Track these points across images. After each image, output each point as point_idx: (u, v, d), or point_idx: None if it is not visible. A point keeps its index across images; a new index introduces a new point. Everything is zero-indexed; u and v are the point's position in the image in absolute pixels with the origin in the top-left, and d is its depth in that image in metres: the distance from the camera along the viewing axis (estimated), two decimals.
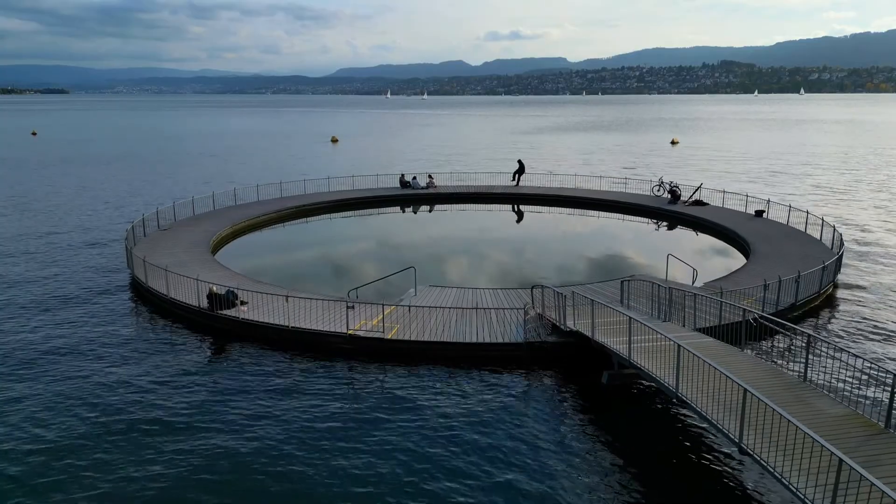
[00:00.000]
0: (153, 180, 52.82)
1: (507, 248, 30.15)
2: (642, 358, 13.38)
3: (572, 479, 11.49)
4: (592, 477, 11.58)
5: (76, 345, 18.01)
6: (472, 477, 11.62)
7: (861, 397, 10.97)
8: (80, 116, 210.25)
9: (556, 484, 11.35)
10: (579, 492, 11.17)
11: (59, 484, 11.54)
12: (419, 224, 37.10)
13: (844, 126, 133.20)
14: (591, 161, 67.25)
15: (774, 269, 23.06)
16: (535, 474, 11.63)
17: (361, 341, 17.27)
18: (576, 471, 11.77)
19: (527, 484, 11.37)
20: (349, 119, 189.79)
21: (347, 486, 11.45)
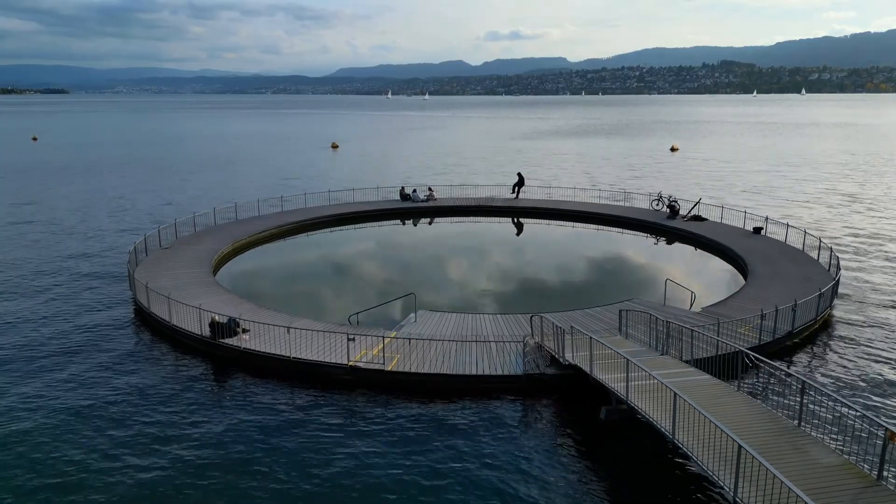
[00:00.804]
0: (155, 191, 52.96)
1: (506, 269, 30.27)
2: (640, 398, 13.54)
3: None
4: None
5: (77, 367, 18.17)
6: None
7: (855, 445, 11.11)
8: (81, 119, 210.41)
9: None
10: None
11: None
12: (419, 241, 37.18)
13: (844, 130, 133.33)
14: (590, 170, 67.40)
15: (772, 293, 23.28)
16: None
17: (362, 373, 17.44)
18: None
19: None
20: (349, 122, 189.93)
21: None
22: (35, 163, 75.08)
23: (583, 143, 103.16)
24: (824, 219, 39.92)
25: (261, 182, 57.91)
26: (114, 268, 29.17)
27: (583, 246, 34.92)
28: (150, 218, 40.79)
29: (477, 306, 23.92)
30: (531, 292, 26.41)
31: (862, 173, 62.66)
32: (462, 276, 28.89)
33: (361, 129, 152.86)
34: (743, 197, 48.28)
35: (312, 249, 34.32)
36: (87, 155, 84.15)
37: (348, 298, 25.36)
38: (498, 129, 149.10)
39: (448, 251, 33.20)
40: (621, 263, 31.16)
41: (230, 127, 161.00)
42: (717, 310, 21.76)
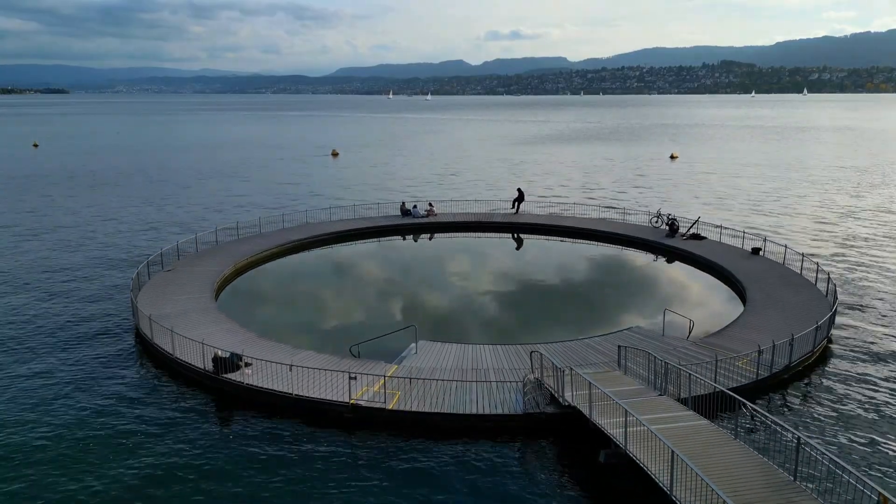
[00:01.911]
0: (158, 205, 53.15)
1: (506, 292, 30.34)
2: (638, 448, 13.73)
3: None
4: None
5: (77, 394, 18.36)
6: None
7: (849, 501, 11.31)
8: (81, 123, 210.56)
9: None
10: None
11: None
12: (419, 262, 37.16)
13: (844, 136, 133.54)
14: (590, 181, 67.62)
15: (770, 321, 23.50)
16: None
17: (364, 411, 17.63)
18: None
19: None
20: (350, 126, 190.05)
21: None
22: (36, 173, 75.22)
23: (583, 151, 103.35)
24: (823, 233, 40.12)
25: (262, 195, 58.12)
26: (116, 291, 29.32)
27: (582, 267, 35.06)
28: (153, 234, 41.00)
29: (477, 335, 24.09)
30: (531, 318, 26.59)
31: (861, 184, 62.86)
32: (462, 301, 29.05)
33: (361, 133, 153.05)
34: (742, 211, 48.48)
35: (313, 271, 34.49)
36: (89, 164, 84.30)
37: (349, 324, 25.59)
38: (499, 133, 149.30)
39: (448, 274, 33.33)
40: (621, 286, 31.32)
41: (230, 132, 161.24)
42: (716, 341, 21.96)
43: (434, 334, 23.27)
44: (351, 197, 55.08)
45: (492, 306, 28.22)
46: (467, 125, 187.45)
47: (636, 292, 30.12)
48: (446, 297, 29.46)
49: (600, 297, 29.60)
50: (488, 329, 25.25)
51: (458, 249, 39.02)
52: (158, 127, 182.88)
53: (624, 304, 28.46)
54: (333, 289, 31.05)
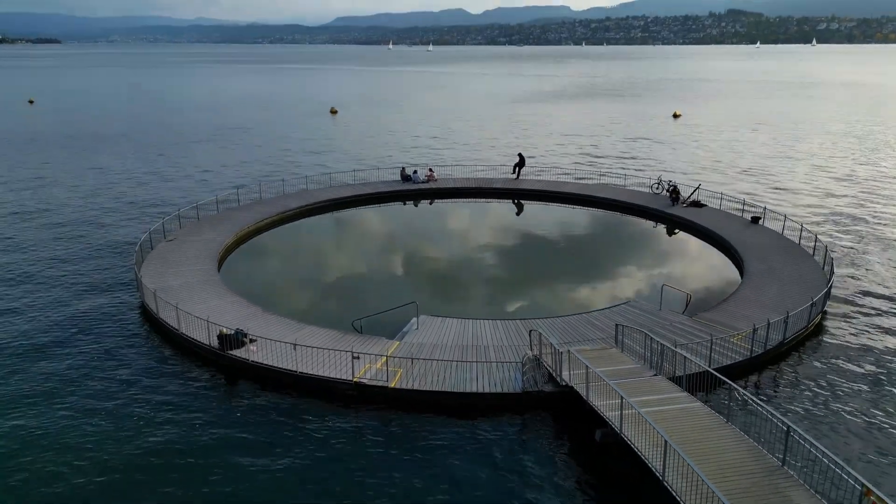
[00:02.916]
0: (158, 168, 52.95)
1: (506, 263, 30.59)
2: (633, 432, 14.18)
3: None
4: None
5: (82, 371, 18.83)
6: None
7: (835, 488, 11.77)
8: (77, 76, 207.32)
9: None
10: None
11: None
12: (420, 230, 37.16)
13: (852, 91, 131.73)
14: (591, 143, 67.14)
15: (766, 295, 23.81)
16: None
17: (366, 389, 18.09)
18: None
19: None
20: (349, 81, 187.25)
21: None
22: (33, 133, 74.59)
23: (585, 109, 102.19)
24: (824, 199, 40.11)
25: (262, 157, 57.84)
26: (119, 261, 29.55)
27: (582, 236, 35.23)
28: (153, 199, 41.02)
29: (477, 308, 24.42)
30: (531, 291, 26.91)
31: (866, 147, 62.44)
32: (462, 273, 29.31)
33: (361, 89, 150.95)
34: (743, 175, 48.33)
35: (314, 240, 34.62)
36: (87, 124, 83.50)
37: (351, 295, 25.95)
38: (501, 89, 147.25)
39: (448, 244, 33.42)
40: (621, 256, 31.52)
41: (228, 88, 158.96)
42: (712, 316, 22.31)
43: (434, 307, 23.64)
44: (351, 159, 54.88)
45: (492, 278, 28.50)
46: (469, 80, 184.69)
47: (635, 263, 30.36)
48: (446, 269, 29.71)
49: (600, 268, 29.83)
50: (488, 302, 25.61)
51: (458, 217, 39.11)
52: (156, 81, 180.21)
53: (623, 275, 28.75)
54: (335, 258, 31.29)
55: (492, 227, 36.45)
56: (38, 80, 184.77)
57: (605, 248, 32.96)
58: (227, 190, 41.03)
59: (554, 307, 24.71)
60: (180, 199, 40.98)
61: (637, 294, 25.66)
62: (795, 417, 16.90)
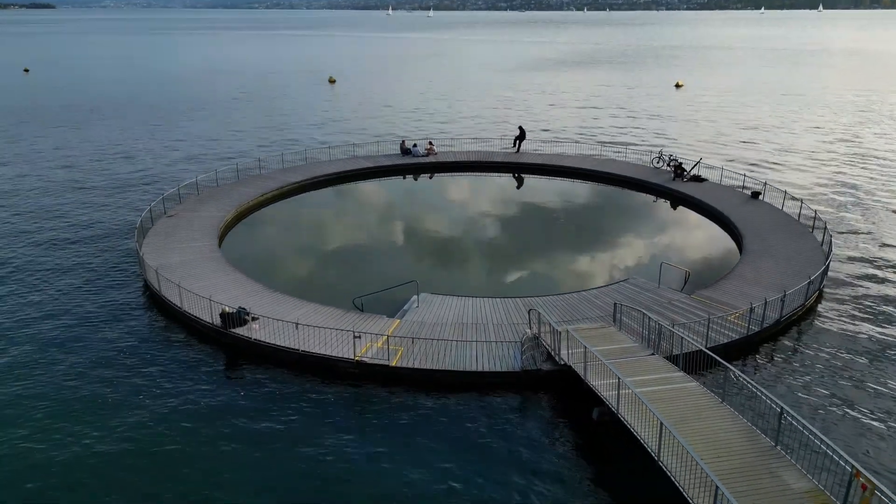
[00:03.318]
0: (156, 141, 52.67)
1: (505, 240, 30.62)
2: (629, 411, 14.46)
3: None
4: None
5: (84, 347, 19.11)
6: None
7: (826, 470, 12.05)
8: (71, 43, 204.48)
9: None
10: None
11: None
12: (419, 205, 37.02)
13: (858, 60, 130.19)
14: (592, 115, 66.65)
15: (764, 273, 23.99)
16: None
17: (368, 367, 18.37)
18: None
19: None
20: (347, 48, 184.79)
21: None
22: (29, 104, 73.93)
23: (587, 77, 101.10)
24: (826, 173, 40.02)
25: (260, 129, 57.48)
26: (121, 237, 29.64)
27: (582, 211, 35.20)
28: (153, 173, 40.91)
29: (476, 286, 24.57)
30: (531, 268, 27.11)
31: (870, 118, 62.03)
32: (462, 249, 29.41)
33: (359, 56, 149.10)
34: (745, 147, 48.12)
35: (314, 215, 34.59)
36: (84, 94, 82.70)
37: (352, 272, 26.12)
38: (501, 56, 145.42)
39: (448, 219, 33.34)
40: (620, 232, 31.56)
41: (225, 56, 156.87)
42: (710, 294, 22.49)
43: (434, 284, 23.85)
44: (350, 131, 54.58)
45: (492, 254, 28.63)
46: (469, 47, 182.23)
47: (635, 238, 30.46)
48: (446, 245, 29.80)
49: (600, 244, 29.91)
50: (488, 279, 25.79)
51: (458, 191, 39.04)
52: (151, 49, 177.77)
53: (623, 251, 28.87)
54: (335, 234, 31.35)
55: (492, 202, 36.44)
56: (32, 47, 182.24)
57: (605, 223, 33.00)
58: (226, 164, 40.89)
59: (553, 284, 24.90)
60: (180, 173, 40.86)
61: (636, 271, 25.82)
62: (790, 396, 17.19)
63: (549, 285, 24.66)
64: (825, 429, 15.69)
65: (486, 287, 24.54)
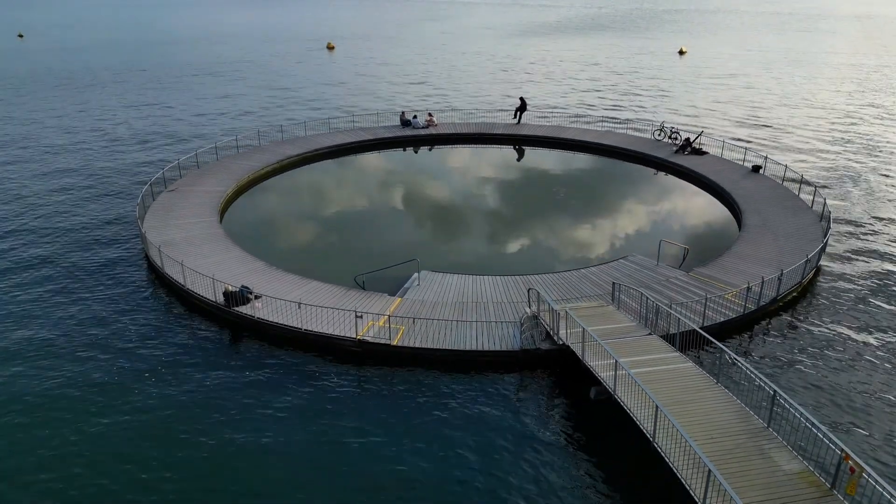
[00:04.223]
0: (154, 111, 52.28)
1: (505, 215, 30.65)
2: (625, 392, 14.77)
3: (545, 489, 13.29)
4: (566, 492, 13.37)
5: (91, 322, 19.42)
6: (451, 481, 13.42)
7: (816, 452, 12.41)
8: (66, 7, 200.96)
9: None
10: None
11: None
12: (420, 179, 37.01)
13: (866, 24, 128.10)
14: (594, 85, 65.94)
15: (762, 250, 24.16)
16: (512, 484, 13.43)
17: (369, 346, 18.67)
18: (551, 484, 13.53)
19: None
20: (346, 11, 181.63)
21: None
22: (24, 71, 73.11)
23: (588, 43, 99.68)
24: (827, 144, 39.85)
25: (259, 98, 56.99)
26: (122, 213, 29.72)
27: (583, 185, 35.13)
28: (152, 144, 40.76)
29: (477, 263, 24.73)
30: (531, 244, 27.24)
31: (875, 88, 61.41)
32: (462, 225, 29.46)
33: (358, 21, 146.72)
34: (747, 119, 47.79)
35: (314, 190, 34.51)
36: (80, 62, 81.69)
37: (353, 248, 26.25)
38: (503, 20, 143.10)
39: (448, 193, 33.34)
40: (621, 207, 31.60)
41: (221, 21, 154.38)
42: (708, 271, 22.67)
43: (435, 260, 24.07)
44: (349, 101, 54.13)
45: (492, 230, 28.72)
46: (469, 10, 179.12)
47: (635, 213, 30.52)
48: (447, 220, 29.87)
49: (600, 219, 29.97)
50: (488, 255, 25.94)
51: (458, 164, 38.91)
52: (145, 14, 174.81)
53: (622, 226, 28.96)
54: (335, 209, 31.39)
55: (492, 175, 36.37)
56: (26, 11, 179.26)
57: (606, 197, 32.99)
58: (225, 136, 40.72)
59: (553, 260, 25.10)
60: (178, 141, 40.71)
61: (636, 247, 25.93)
62: (783, 376, 17.51)
63: (549, 261, 24.86)
64: (817, 409, 16.06)
65: (486, 263, 24.72)
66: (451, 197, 32.75)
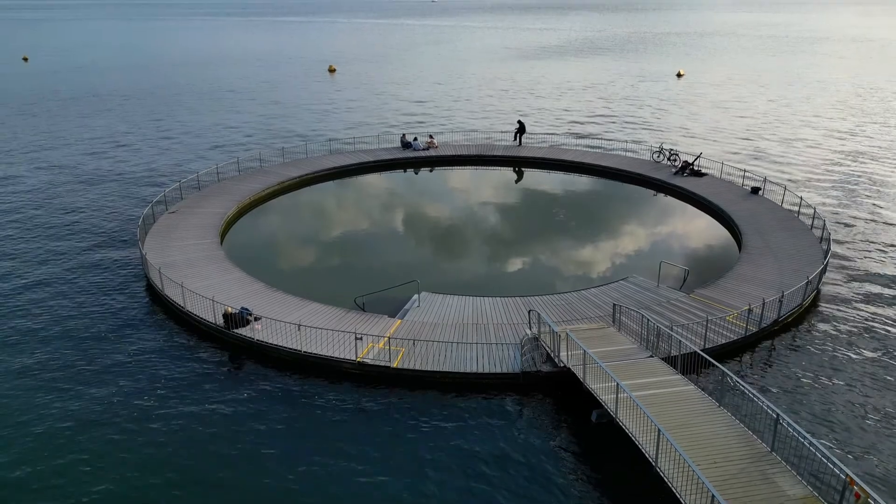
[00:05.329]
0: (157, 134, 52.62)
1: (505, 236, 30.70)
2: (627, 416, 14.66)
3: None
4: None
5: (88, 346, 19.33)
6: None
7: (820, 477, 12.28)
8: (71, 30, 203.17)
9: None
10: None
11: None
12: (420, 201, 37.11)
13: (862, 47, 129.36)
14: (593, 107, 66.44)
15: (763, 271, 24.14)
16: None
17: (369, 368, 18.58)
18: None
19: None
20: (348, 35, 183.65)
21: None
22: (29, 94, 73.69)
23: (589, 67, 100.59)
24: (826, 165, 40.01)
25: (260, 120, 57.37)
26: (123, 234, 29.76)
27: (582, 206, 35.18)
28: (155, 167, 40.95)
29: (477, 284, 24.71)
30: (531, 265, 27.22)
31: (872, 109, 61.84)
32: (462, 246, 29.51)
33: (360, 44, 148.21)
34: (745, 141, 48.05)
35: (315, 211, 34.58)
36: (84, 84, 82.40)
37: (353, 269, 26.28)
38: (503, 44, 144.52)
39: (448, 215, 33.38)
40: (621, 228, 31.63)
41: (225, 43, 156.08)
42: (709, 293, 22.63)
43: (435, 282, 24.08)
44: (350, 123, 54.48)
45: (492, 251, 28.73)
46: (470, 34, 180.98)
47: (635, 235, 30.54)
48: (447, 241, 29.91)
49: (600, 240, 29.99)
50: (488, 277, 25.91)
51: (458, 186, 39.01)
52: (149, 36, 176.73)
53: (623, 247, 28.97)
54: (336, 230, 31.43)
55: (492, 197, 36.46)
56: (31, 34, 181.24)
57: (605, 218, 33.04)
58: (227, 158, 40.97)
59: (554, 281, 25.08)
60: (181, 167, 40.93)
61: (636, 268, 25.91)
62: (786, 399, 17.39)
63: (550, 283, 24.84)
64: (821, 433, 15.92)
65: (486, 284, 24.69)
66: (451, 218, 32.82)
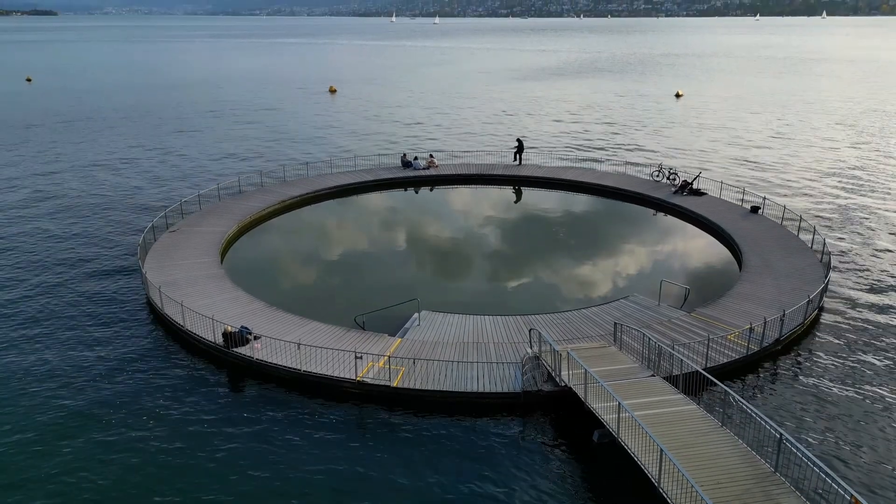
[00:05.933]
0: (158, 153, 52.90)
1: (506, 255, 30.72)
2: (629, 436, 14.54)
3: None
4: None
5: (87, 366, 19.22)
6: None
7: (825, 497, 12.15)
8: (73, 52, 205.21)
9: None
10: None
11: None
12: (420, 220, 37.18)
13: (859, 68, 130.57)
14: (593, 127, 66.90)
15: (764, 290, 24.10)
16: None
17: (369, 387, 18.46)
18: None
19: None
20: (348, 56, 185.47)
21: None
22: (32, 115, 74.21)
23: (586, 87, 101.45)
24: (825, 185, 40.16)
25: (261, 142, 57.69)
26: (123, 253, 29.79)
27: (582, 226, 35.26)
28: (155, 186, 41.11)
29: (477, 303, 24.66)
30: (531, 283, 27.21)
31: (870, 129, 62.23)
32: (463, 265, 29.53)
33: (360, 65, 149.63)
34: (744, 160, 48.28)
35: (316, 230, 34.64)
36: (87, 105, 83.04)
37: (353, 288, 26.24)
38: (503, 65, 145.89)
39: (449, 234, 33.44)
40: (621, 247, 31.66)
41: (226, 65, 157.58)
42: (710, 312, 22.58)
43: (436, 300, 24.00)
44: (350, 143, 54.80)
45: (493, 270, 28.74)
46: (470, 56, 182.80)
47: (636, 254, 30.56)
48: (448, 260, 29.94)
49: (601, 259, 30.01)
50: (489, 295, 25.88)
51: (459, 205, 39.13)
52: (152, 58, 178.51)
53: (623, 266, 28.97)
54: (336, 249, 31.47)
55: (493, 216, 36.55)
56: (34, 55, 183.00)
57: (606, 237, 33.09)
58: (227, 177, 41.11)
59: (554, 300, 25.04)
60: (181, 180, 41.07)
61: (637, 287, 25.88)
62: (789, 417, 17.26)
63: (551, 301, 24.79)
64: (824, 452, 15.77)
65: (487, 303, 24.64)
66: (451, 237, 32.86)
